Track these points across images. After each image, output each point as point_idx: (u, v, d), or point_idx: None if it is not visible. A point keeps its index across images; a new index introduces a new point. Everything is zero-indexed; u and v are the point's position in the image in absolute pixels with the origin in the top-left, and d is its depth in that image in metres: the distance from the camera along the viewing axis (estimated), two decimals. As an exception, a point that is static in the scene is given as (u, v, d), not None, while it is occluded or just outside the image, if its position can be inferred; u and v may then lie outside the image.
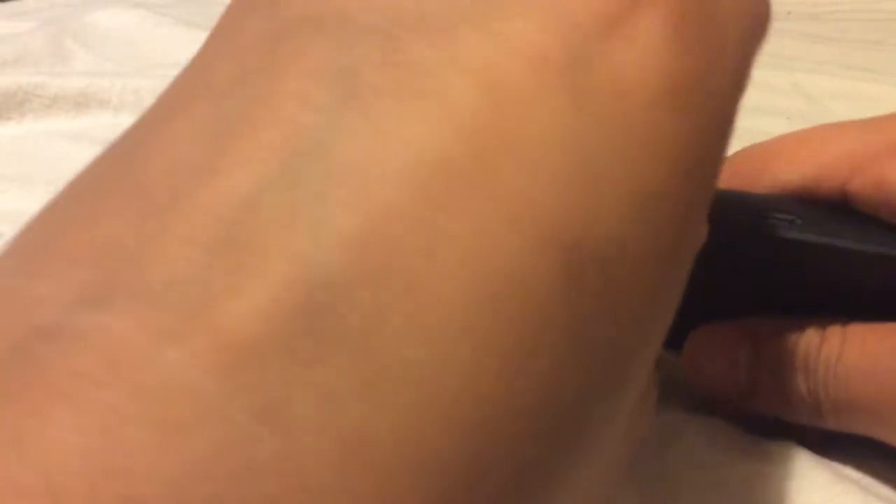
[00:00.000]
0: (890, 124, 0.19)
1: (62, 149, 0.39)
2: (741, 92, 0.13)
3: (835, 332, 0.19)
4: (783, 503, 0.19)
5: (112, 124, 0.42)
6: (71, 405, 0.08)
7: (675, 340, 0.20)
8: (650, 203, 0.11)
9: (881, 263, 0.19)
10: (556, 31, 0.11)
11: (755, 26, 0.13)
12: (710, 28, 0.12)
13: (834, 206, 0.20)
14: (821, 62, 0.49)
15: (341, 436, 0.09)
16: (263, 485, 0.08)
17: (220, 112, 0.11)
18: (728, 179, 0.21)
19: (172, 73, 0.13)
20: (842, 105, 0.43)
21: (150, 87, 0.43)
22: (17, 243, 0.11)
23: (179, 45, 0.53)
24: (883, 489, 0.19)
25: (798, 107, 0.43)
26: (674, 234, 0.12)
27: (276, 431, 0.08)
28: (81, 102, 0.42)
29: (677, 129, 0.11)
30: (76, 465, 0.08)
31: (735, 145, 0.21)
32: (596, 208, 0.10)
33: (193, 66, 0.12)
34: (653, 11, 0.11)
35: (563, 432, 0.10)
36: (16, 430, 0.08)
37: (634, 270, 0.11)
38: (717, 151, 0.12)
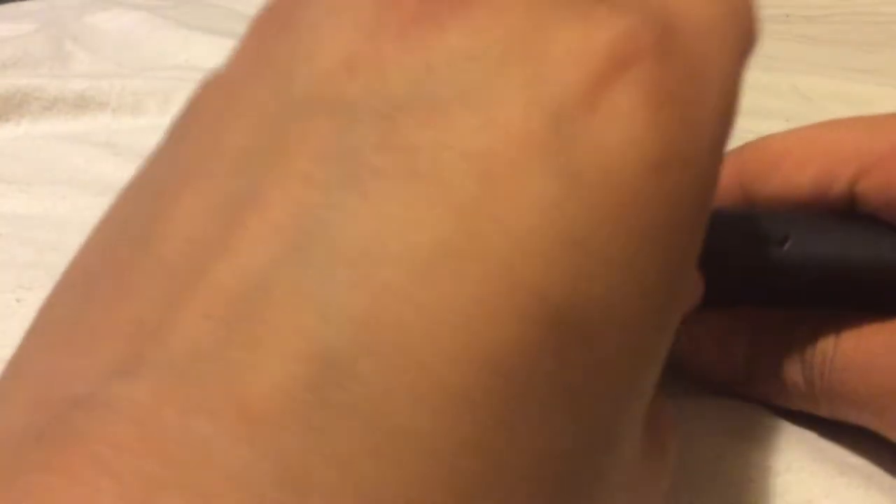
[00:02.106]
0: (894, 124, 0.20)
1: (61, 150, 0.39)
2: (727, 136, 0.13)
3: (831, 327, 0.20)
4: (785, 495, 0.19)
5: (111, 126, 0.42)
6: (113, 475, 0.09)
7: None
8: (634, 268, 0.11)
9: (873, 271, 0.19)
10: (540, 109, 0.11)
11: (744, 48, 0.14)
12: (690, 91, 0.12)
13: (832, 213, 0.20)
14: (819, 64, 0.49)
15: (356, 500, 0.09)
16: None
17: (231, 188, 0.11)
18: (737, 177, 0.21)
19: (172, 74, 0.13)
20: (840, 107, 0.43)
21: (149, 89, 0.43)
22: (47, 317, 0.12)
23: (178, 47, 0.53)
24: (886, 478, 0.19)
25: (797, 109, 0.43)
26: (660, 294, 0.12)
27: (297, 497, 0.09)
28: (80, 104, 0.43)
29: (659, 195, 0.12)
30: None
31: (734, 146, 0.21)
32: (579, 275, 0.11)
33: (200, 127, 0.13)
34: (632, 85, 0.12)
35: (552, 492, 0.11)
36: (68, 500, 0.09)
37: (621, 332, 0.11)
38: (702, 208, 0.13)
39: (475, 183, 0.11)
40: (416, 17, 0.12)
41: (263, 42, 0.13)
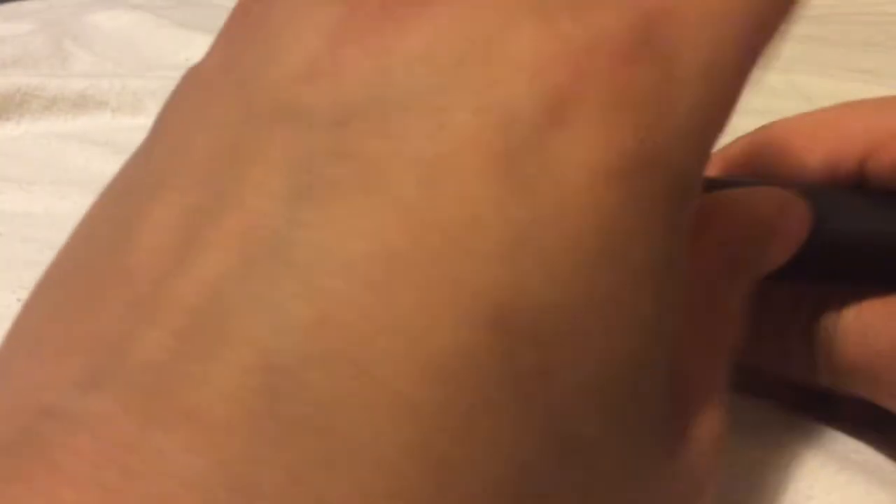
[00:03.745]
0: None
1: (61, 149, 0.39)
2: (713, 132, 0.13)
3: (834, 300, 0.19)
4: (786, 491, 0.19)
5: (110, 125, 0.42)
6: (73, 485, 0.09)
7: None
8: (586, 273, 0.11)
9: (879, 244, 0.19)
10: (491, 116, 0.11)
11: (756, 33, 0.13)
12: (659, 95, 0.12)
13: (844, 189, 0.19)
14: (819, 64, 0.49)
15: None
16: None
17: (195, 199, 0.11)
18: (751, 162, 0.21)
19: (171, 74, 0.13)
20: (840, 107, 0.43)
21: (149, 88, 0.43)
22: (23, 323, 0.12)
23: (178, 46, 0.53)
24: (888, 475, 0.19)
25: (797, 108, 0.42)
26: (625, 301, 0.12)
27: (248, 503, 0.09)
28: (80, 104, 0.43)
29: (615, 203, 0.11)
30: None
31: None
32: (523, 278, 0.11)
33: (173, 130, 0.13)
34: (591, 98, 0.11)
35: (519, 499, 0.11)
36: None
37: (582, 339, 0.11)
38: (675, 211, 0.12)
39: (420, 189, 0.11)
40: (377, 20, 0.12)
41: (232, 44, 0.13)
